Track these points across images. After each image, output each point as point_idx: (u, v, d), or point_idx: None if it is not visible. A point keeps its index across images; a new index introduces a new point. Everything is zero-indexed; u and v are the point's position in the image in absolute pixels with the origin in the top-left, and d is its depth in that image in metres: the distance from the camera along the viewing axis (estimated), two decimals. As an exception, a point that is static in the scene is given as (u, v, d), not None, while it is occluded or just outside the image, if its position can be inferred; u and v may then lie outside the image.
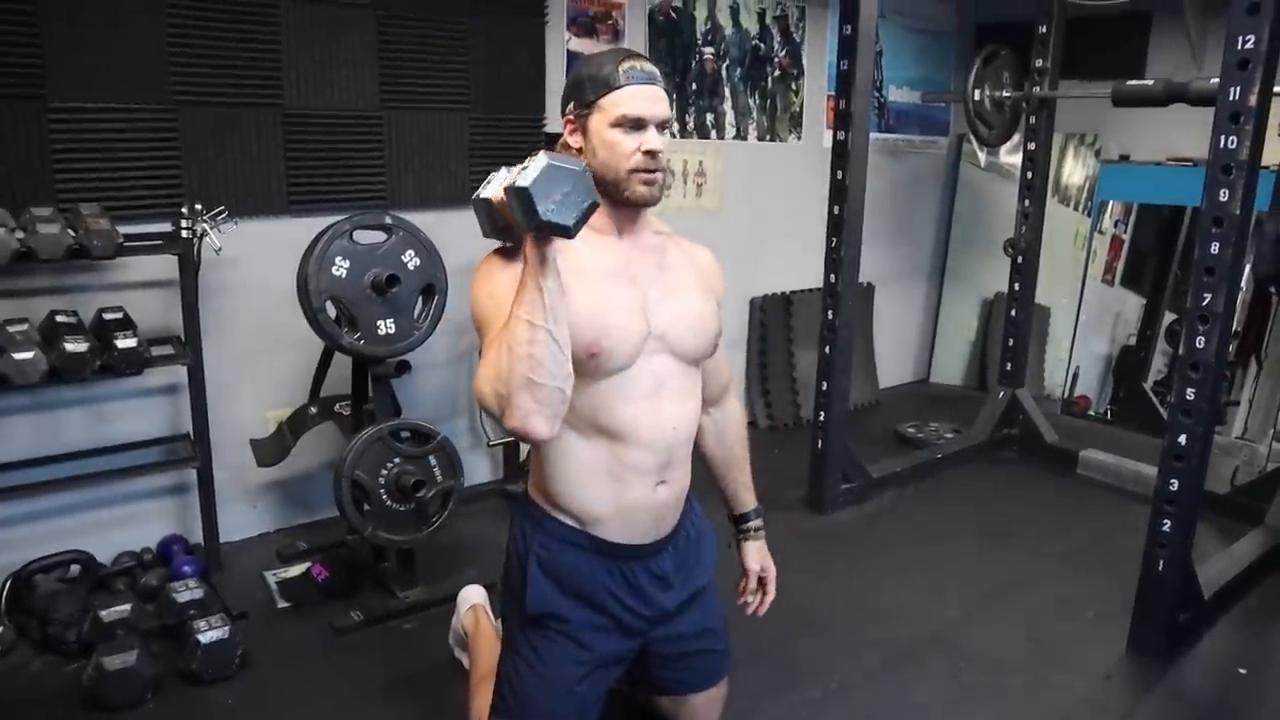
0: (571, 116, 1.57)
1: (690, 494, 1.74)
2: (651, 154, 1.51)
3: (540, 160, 1.25)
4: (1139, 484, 3.60)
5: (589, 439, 1.56)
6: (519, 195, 1.24)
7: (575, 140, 1.56)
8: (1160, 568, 2.52)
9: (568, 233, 1.27)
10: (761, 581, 1.95)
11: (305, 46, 2.96)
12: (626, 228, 1.60)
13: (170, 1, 2.70)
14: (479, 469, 3.67)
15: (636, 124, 1.50)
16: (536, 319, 1.32)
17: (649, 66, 1.53)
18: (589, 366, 1.50)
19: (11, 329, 2.42)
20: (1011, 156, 4.89)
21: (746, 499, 1.95)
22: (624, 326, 1.53)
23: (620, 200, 1.55)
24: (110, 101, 2.65)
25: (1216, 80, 2.36)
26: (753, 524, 1.95)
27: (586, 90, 1.53)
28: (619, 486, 1.58)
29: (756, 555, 1.95)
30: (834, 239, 3.35)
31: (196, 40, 2.76)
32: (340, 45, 3.03)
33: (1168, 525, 2.50)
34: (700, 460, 1.86)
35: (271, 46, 2.90)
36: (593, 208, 1.28)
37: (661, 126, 1.53)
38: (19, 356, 2.35)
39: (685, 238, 1.73)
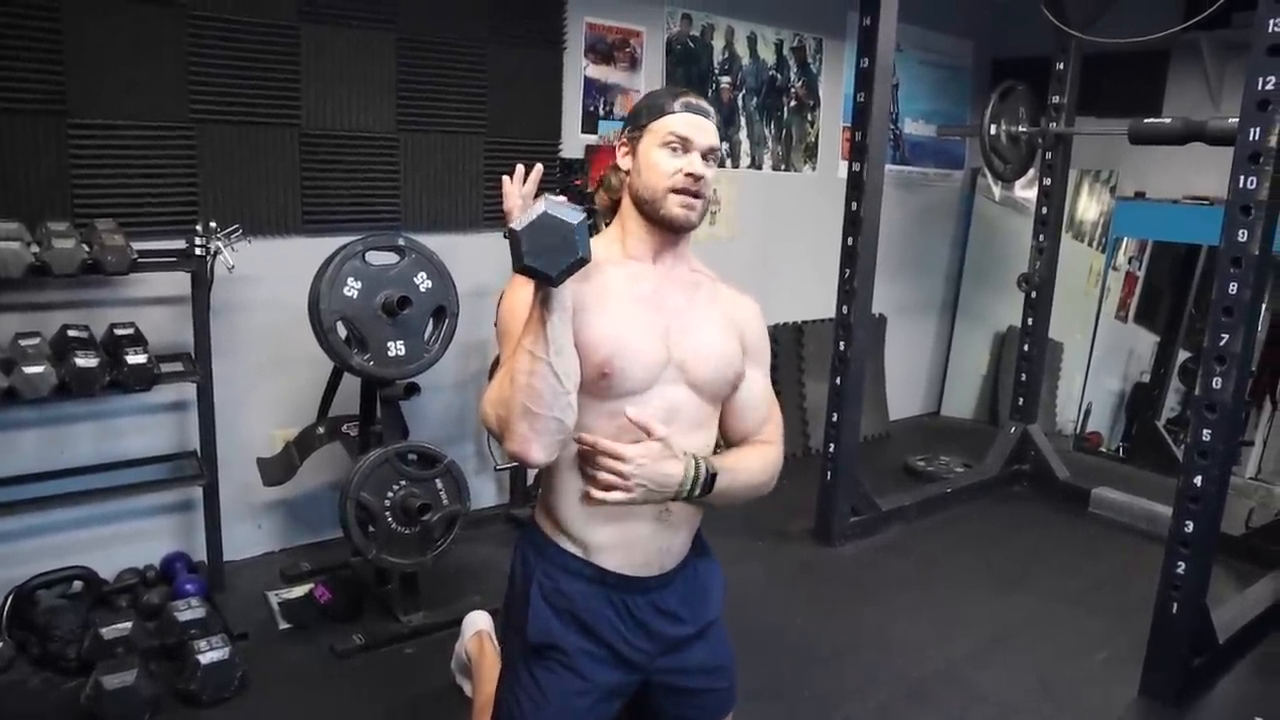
0: (625, 139, 1.61)
1: (701, 532, 1.72)
2: (694, 177, 1.53)
3: (539, 206, 1.26)
4: (1152, 523, 3.56)
5: (595, 463, 1.55)
6: (511, 236, 1.25)
7: (625, 162, 1.60)
8: (1174, 610, 2.48)
9: (550, 281, 1.28)
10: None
11: (324, 68, 2.98)
12: (663, 255, 1.59)
13: (191, 21, 2.72)
14: (485, 492, 3.64)
15: (683, 145, 1.53)
16: (538, 351, 1.35)
17: (705, 103, 1.59)
18: (600, 386, 1.48)
19: (23, 342, 2.43)
20: (1026, 191, 4.89)
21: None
22: (640, 349, 1.52)
23: (657, 220, 1.55)
24: (129, 118, 2.67)
25: (1235, 120, 2.36)
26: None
27: (642, 115, 1.58)
28: (621, 513, 1.57)
29: None
30: (847, 270, 3.34)
31: (216, 59, 2.78)
32: (359, 67, 3.05)
33: (1182, 567, 2.46)
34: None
35: (291, 67, 2.92)
36: (580, 262, 1.28)
37: (708, 156, 1.55)
38: (29, 370, 2.35)
39: (731, 285, 1.69)
